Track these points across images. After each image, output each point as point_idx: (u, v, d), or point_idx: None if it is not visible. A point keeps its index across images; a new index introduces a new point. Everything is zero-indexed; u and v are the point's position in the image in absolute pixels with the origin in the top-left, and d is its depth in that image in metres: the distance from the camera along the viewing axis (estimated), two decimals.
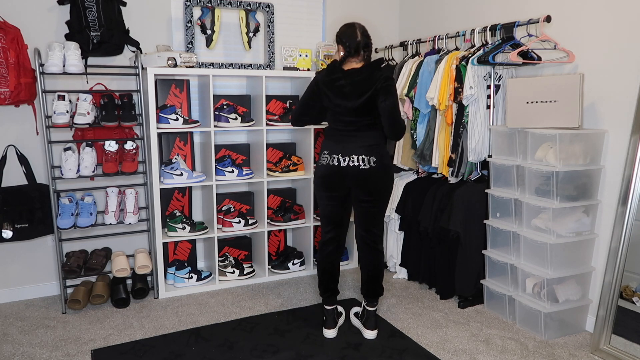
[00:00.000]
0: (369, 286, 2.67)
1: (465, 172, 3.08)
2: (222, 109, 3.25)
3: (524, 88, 2.70)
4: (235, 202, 3.58)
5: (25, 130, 3.04)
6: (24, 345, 2.59)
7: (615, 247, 2.46)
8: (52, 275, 3.22)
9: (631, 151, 2.43)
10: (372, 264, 2.66)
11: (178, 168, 3.14)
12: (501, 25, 2.89)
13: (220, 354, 2.49)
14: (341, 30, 2.56)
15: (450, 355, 2.50)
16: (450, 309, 3.02)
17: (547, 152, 2.56)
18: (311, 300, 3.15)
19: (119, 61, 3.19)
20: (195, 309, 3.02)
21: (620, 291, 2.46)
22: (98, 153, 3.04)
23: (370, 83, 2.46)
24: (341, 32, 2.55)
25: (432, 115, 3.18)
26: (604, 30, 2.57)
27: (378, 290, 2.68)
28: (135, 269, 3.14)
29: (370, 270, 2.67)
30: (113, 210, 3.03)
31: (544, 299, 2.64)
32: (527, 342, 2.63)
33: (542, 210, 2.62)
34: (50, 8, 3.01)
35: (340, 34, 2.55)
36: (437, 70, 3.06)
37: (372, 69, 2.51)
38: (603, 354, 2.47)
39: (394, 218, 3.47)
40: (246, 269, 3.42)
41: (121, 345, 2.57)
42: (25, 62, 2.80)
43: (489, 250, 2.96)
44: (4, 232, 2.82)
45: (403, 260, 3.47)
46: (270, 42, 3.57)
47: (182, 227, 3.21)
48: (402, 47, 3.68)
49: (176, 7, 3.34)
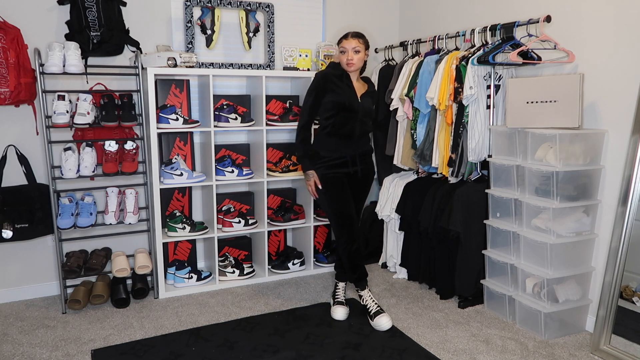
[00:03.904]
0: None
1: (465, 172, 3.08)
2: (222, 109, 3.25)
3: (524, 88, 2.70)
4: (235, 202, 3.58)
5: (25, 130, 3.04)
6: (24, 345, 2.59)
7: (615, 247, 2.46)
8: (52, 275, 3.22)
9: (631, 151, 2.43)
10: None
11: (178, 168, 3.14)
12: (501, 25, 2.89)
13: (220, 354, 2.49)
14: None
15: (450, 355, 2.50)
16: (450, 309, 3.02)
17: (547, 152, 2.56)
18: (311, 300, 3.15)
19: (119, 61, 3.19)
20: (195, 309, 3.02)
21: (620, 291, 2.46)
22: (98, 153, 3.04)
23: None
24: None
25: (432, 115, 3.18)
26: (604, 30, 2.56)
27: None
28: (135, 269, 3.14)
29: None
30: (113, 210, 3.03)
31: (544, 299, 2.63)
32: (527, 342, 2.63)
33: (542, 210, 2.62)
34: (50, 8, 3.01)
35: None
36: (437, 70, 3.06)
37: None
38: (603, 354, 2.47)
39: (394, 218, 3.47)
40: (246, 269, 3.42)
41: (121, 345, 2.57)
42: (25, 62, 2.80)
43: (489, 250, 2.96)
44: (4, 232, 2.82)
45: (403, 260, 3.47)
46: (270, 42, 3.57)
47: (182, 227, 3.21)
48: (402, 47, 3.68)
49: (176, 7, 3.34)
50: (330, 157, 2.78)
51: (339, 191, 2.77)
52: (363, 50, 2.73)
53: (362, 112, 2.77)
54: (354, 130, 2.77)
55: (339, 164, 2.78)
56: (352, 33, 2.74)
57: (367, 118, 2.83)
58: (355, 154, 2.80)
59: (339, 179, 2.78)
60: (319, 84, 2.74)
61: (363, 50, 2.73)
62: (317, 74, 2.79)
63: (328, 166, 2.77)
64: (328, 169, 2.77)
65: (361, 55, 2.73)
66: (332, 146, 2.78)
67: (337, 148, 2.78)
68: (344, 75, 2.77)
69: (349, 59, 2.70)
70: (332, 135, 2.77)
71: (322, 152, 2.79)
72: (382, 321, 2.74)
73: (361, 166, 2.84)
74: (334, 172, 2.77)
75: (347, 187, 2.80)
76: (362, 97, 2.79)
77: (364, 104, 2.78)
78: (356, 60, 2.71)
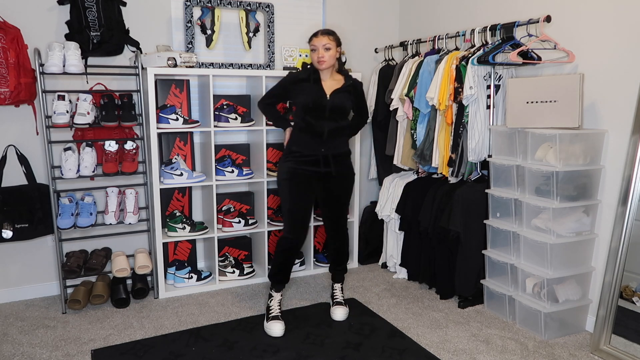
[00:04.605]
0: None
1: (465, 172, 3.08)
2: (222, 109, 3.25)
3: (524, 88, 2.70)
4: (235, 202, 3.58)
5: (25, 130, 3.04)
6: (24, 345, 2.59)
7: (615, 247, 2.46)
8: (52, 275, 3.22)
9: (631, 151, 2.43)
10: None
11: (178, 168, 3.14)
12: (501, 25, 2.89)
13: (220, 354, 2.49)
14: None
15: (450, 355, 2.50)
16: (450, 309, 3.02)
17: (547, 152, 2.56)
18: (311, 300, 3.15)
19: (119, 61, 3.19)
20: (195, 309, 3.02)
21: (620, 291, 2.46)
22: (98, 153, 3.04)
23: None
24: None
25: (432, 115, 3.18)
26: (604, 30, 2.56)
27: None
28: (135, 269, 3.14)
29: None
30: (113, 210, 3.03)
31: (544, 299, 2.63)
32: (527, 342, 2.63)
33: (542, 210, 2.62)
34: (50, 8, 3.01)
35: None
36: (437, 70, 3.06)
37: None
38: (603, 354, 2.47)
39: (394, 218, 3.47)
40: (246, 269, 3.42)
41: (121, 345, 2.57)
42: (25, 62, 2.80)
43: (489, 250, 2.96)
44: (4, 232, 2.82)
45: (403, 260, 3.47)
46: (270, 42, 3.57)
47: (182, 227, 3.21)
48: (402, 47, 3.68)
49: (176, 7, 3.34)
50: (302, 153, 2.73)
51: (300, 190, 2.74)
52: (334, 47, 2.68)
53: (331, 110, 2.69)
54: (323, 129, 2.69)
55: (310, 161, 2.72)
56: (322, 30, 2.70)
57: (339, 115, 2.73)
58: (327, 154, 2.73)
59: (306, 177, 2.73)
60: (285, 84, 2.80)
61: (334, 47, 2.68)
62: (289, 74, 2.83)
63: (298, 162, 2.73)
64: (297, 165, 2.73)
65: (332, 52, 2.67)
66: (303, 143, 2.74)
67: (308, 146, 2.73)
68: (311, 75, 2.73)
69: (320, 57, 2.66)
70: (303, 133, 2.74)
71: (293, 147, 2.77)
72: (338, 312, 2.86)
73: (336, 167, 2.75)
74: (302, 169, 2.72)
75: (311, 188, 2.76)
76: (332, 93, 2.70)
77: (334, 101, 2.70)
78: (327, 58, 2.66)
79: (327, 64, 2.68)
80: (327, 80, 2.74)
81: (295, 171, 2.73)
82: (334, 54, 2.69)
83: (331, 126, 2.71)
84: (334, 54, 2.69)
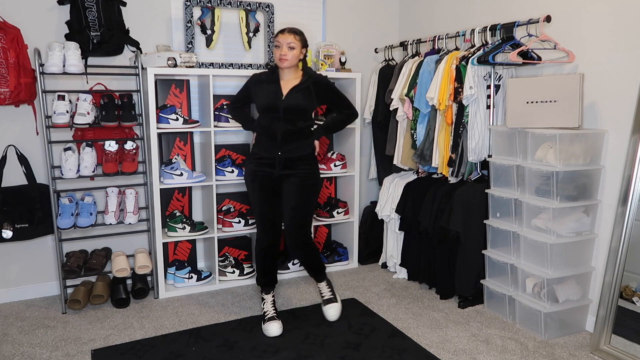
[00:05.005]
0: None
1: (465, 172, 3.08)
2: (222, 109, 3.25)
3: (524, 88, 2.70)
4: (235, 202, 3.58)
5: (25, 130, 3.04)
6: (24, 345, 2.59)
7: (615, 247, 2.46)
8: (52, 275, 3.22)
9: (631, 151, 2.43)
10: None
11: (178, 168, 3.14)
12: (501, 25, 2.89)
13: (220, 354, 2.49)
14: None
15: (450, 355, 2.50)
16: (450, 309, 3.02)
17: (547, 152, 2.56)
18: (311, 300, 3.15)
19: (119, 61, 3.19)
20: (195, 309, 3.02)
21: (620, 291, 2.46)
22: (98, 153, 3.04)
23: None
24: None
25: (432, 115, 3.18)
26: (604, 30, 2.56)
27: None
28: (135, 269, 3.14)
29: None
30: (113, 210, 3.03)
31: (544, 299, 2.63)
32: (527, 342, 2.63)
33: (542, 210, 2.62)
34: (50, 8, 3.01)
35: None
36: (437, 70, 3.06)
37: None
38: (603, 354, 2.47)
39: (394, 218, 3.47)
40: (246, 269, 3.42)
41: (121, 345, 2.57)
42: (25, 62, 2.80)
43: (489, 250, 2.96)
44: (4, 232, 2.82)
45: (403, 260, 3.47)
46: (270, 42, 3.57)
47: (182, 227, 3.21)
48: (402, 47, 3.68)
49: (176, 7, 3.34)
50: (260, 155, 2.72)
51: (263, 191, 2.73)
52: (299, 48, 2.63)
53: (285, 111, 2.63)
54: (277, 131, 2.65)
55: (267, 163, 2.71)
56: (289, 28, 2.65)
57: (295, 116, 2.65)
58: (282, 158, 2.67)
59: (266, 179, 2.72)
60: (248, 86, 2.82)
61: (299, 48, 2.63)
62: (252, 75, 2.83)
63: (259, 163, 2.73)
64: (258, 167, 2.72)
65: (296, 52, 2.62)
66: (261, 145, 2.73)
67: (266, 148, 2.71)
68: (269, 76, 2.71)
69: (282, 54, 2.60)
70: (261, 135, 2.75)
71: (254, 149, 2.77)
72: (330, 311, 2.84)
73: (292, 171, 2.68)
74: (263, 171, 2.72)
75: (275, 189, 2.74)
76: (289, 93, 2.64)
77: (289, 101, 2.63)
78: (290, 57, 2.60)
79: (289, 63, 2.62)
80: (286, 80, 2.69)
81: (256, 173, 2.73)
82: (298, 54, 2.65)
83: (286, 128, 2.65)
84: (297, 54, 2.64)
